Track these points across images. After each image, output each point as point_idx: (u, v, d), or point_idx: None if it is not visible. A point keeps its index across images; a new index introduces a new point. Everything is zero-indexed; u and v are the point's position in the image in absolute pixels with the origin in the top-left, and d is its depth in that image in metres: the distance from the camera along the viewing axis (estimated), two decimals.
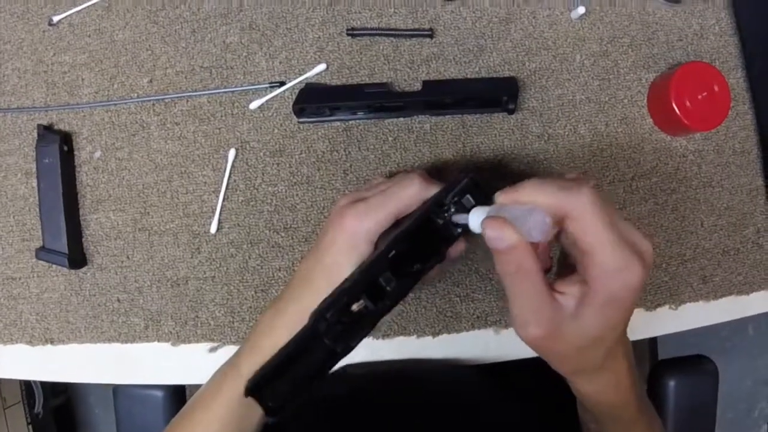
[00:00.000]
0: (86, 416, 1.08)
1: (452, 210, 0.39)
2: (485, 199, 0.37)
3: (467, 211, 0.39)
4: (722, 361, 0.62)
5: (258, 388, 0.36)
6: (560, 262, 0.39)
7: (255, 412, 0.48)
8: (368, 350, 0.57)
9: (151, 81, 0.61)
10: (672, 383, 0.61)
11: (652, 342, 0.86)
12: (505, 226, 0.32)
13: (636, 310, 0.45)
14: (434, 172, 0.56)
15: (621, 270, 0.31)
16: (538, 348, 0.35)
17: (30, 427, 1.00)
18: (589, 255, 0.32)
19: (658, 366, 0.63)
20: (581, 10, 0.58)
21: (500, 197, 0.34)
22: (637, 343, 0.42)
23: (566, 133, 0.58)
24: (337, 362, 0.37)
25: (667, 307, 0.57)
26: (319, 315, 0.37)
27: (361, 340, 0.37)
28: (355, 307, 0.37)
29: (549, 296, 0.33)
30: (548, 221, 0.31)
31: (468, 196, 0.39)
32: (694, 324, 0.58)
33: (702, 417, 0.62)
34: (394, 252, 0.38)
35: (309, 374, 0.37)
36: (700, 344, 0.72)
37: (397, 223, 0.42)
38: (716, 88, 0.55)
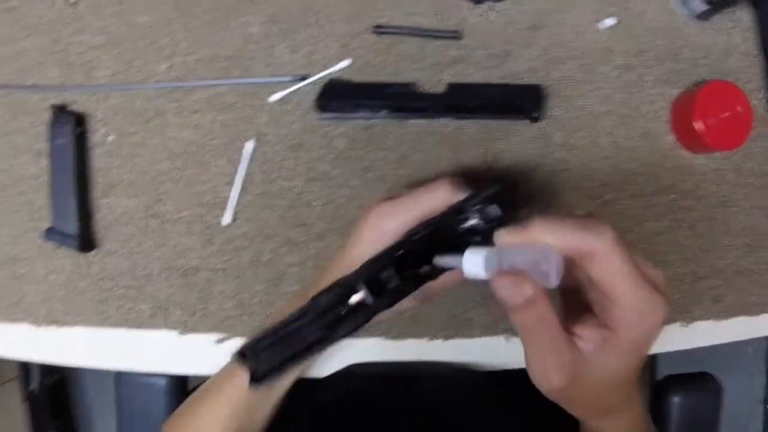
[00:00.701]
0: (81, 397, 1.08)
1: (472, 219, 0.38)
2: (512, 211, 0.36)
3: (489, 220, 0.38)
4: (719, 378, 0.62)
5: (246, 354, 0.36)
6: (566, 302, 0.36)
7: (260, 408, 0.48)
8: (378, 350, 0.56)
9: (170, 67, 0.60)
10: (676, 399, 0.61)
11: (652, 356, 0.86)
12: (523, 279, 0.29)
13: None
14: (465, 178, 0.56)
15: (648, 313, 0.30)
16: (558, 397, 0.33)
17: (26, 403, 1.00)
18: (612, 298, 0.30)
19: (662, 382, 0.63)
20: (610, 21, 0.57)
21: (506, 237, 0.31)
22: None
23: (587, 145, 0.57)
24: (325, 348, 0.36)
25: (678, 323, 0.57)
26: (315, 299, 0.36)
27: (352, 331, 0.36)
28: (353, 298, 0.36)
29: (569, 343, 0.31)
30: (562, 263, 0.29)
31: (495, 205, 0.38)
32: (703, 342, 0.58)
33: None
34: (401, 251, 0.37)
35: (297, 353, 0.36)
36: (699, 360, 0.72)
37: None
38: (739, 109, 0.55)
